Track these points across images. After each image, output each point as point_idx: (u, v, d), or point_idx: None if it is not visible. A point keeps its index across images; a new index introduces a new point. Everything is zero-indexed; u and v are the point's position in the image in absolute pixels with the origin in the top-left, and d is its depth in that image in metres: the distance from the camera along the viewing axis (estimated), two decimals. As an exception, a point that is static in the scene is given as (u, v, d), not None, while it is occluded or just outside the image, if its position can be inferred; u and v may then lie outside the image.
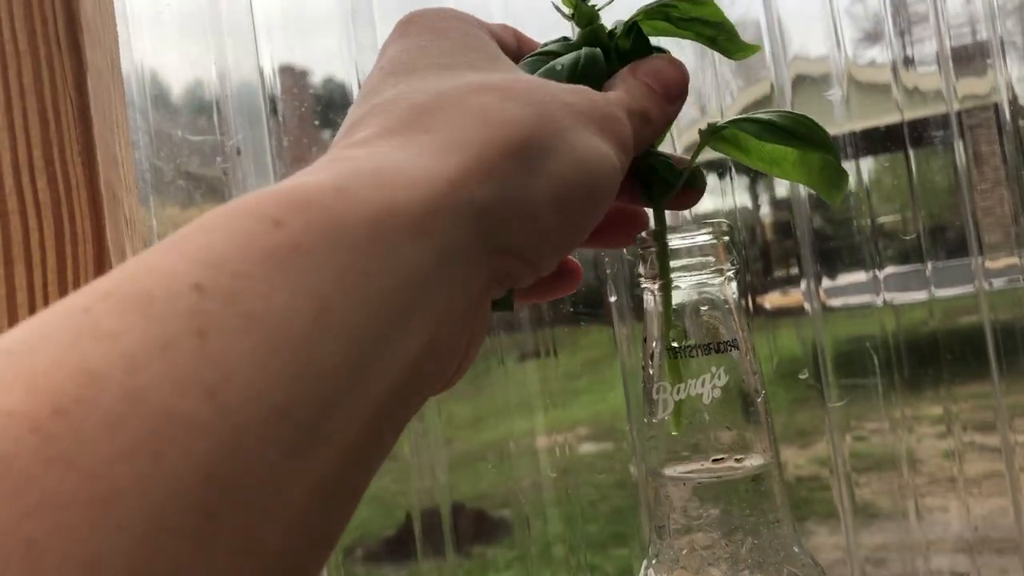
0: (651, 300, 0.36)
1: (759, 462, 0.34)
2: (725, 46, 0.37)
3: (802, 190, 0.75)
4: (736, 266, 0.36)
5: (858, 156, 0.75)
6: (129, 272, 0.20)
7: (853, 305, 0.75)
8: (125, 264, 0.20)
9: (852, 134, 0.74)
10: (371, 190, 0.23)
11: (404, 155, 0.25)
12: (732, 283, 0.36)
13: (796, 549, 0.35)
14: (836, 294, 0.74)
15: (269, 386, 0.19)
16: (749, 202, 0.78)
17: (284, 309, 0.19)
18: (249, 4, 0.73)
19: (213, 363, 0.18)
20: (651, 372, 0.35)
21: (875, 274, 0.74)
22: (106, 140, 0.43)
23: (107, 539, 0.16)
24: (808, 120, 0.36)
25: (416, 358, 0.22)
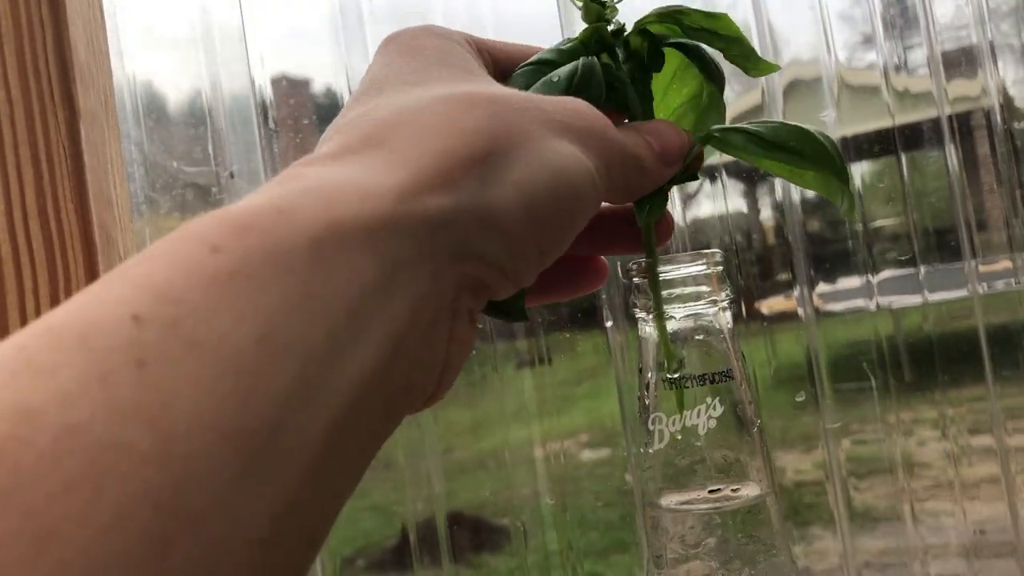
0: (646, 330, 0.36)
1: (755, 492, 0.34)
2: (741, 63, 0.36)
3: (795, 195, 0.75)
4: (731, 296, 0.36)
5: (850, 160, 0.75)
6: (74, 305, 0.20)
7: (847, 310, 0.75)
8: (73, 297, 0.20)
9: (843, 139, 0.75)
10: (316, 209, 0.22)
11: (357, 170, 0.25)
12: (727, 313, 0.35)
13: (794, 577, 0.35)
14: (830, 299, 0.75)
15: (215, 410, 0.19)
16: (744, 207, 0.78)
17: (226, 333, 0.19)
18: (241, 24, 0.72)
19: (153, 391, 0.18)
20: (647, 402, 0.35)
21: (868, 279, 0.74)
22: (100, 183, 0.44)
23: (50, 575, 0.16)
24: (803, 132, 0.34)
25: (373, 371, 0.22)
